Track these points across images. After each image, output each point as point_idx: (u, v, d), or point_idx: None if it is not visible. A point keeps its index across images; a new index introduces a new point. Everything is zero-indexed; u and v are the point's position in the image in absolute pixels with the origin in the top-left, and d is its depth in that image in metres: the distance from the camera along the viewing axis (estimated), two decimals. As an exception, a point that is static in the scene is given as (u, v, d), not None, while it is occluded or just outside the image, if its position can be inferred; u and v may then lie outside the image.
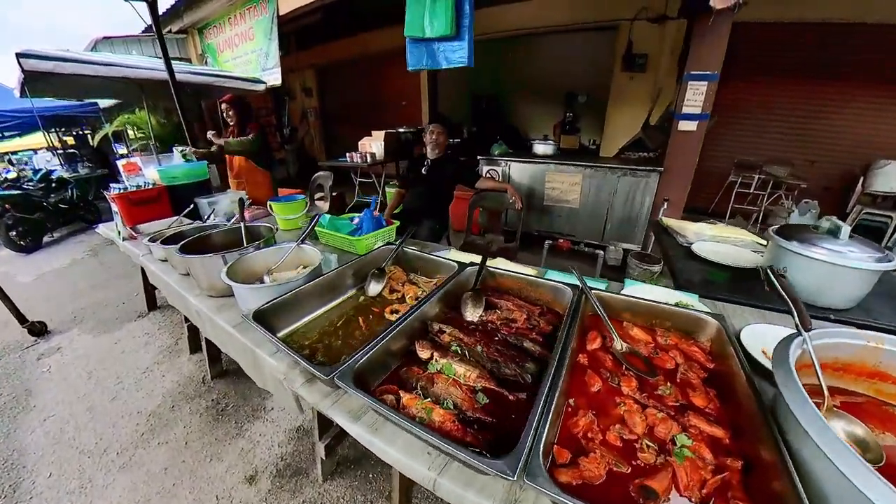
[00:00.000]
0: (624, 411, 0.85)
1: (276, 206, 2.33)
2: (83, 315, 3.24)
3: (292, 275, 1.42)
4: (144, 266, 2.02)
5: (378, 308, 1.29)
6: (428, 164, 2.95)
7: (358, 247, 1.79)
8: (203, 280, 1.44)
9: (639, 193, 3.56)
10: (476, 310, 1.20)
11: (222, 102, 3.22)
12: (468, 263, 1.41)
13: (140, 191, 2.40)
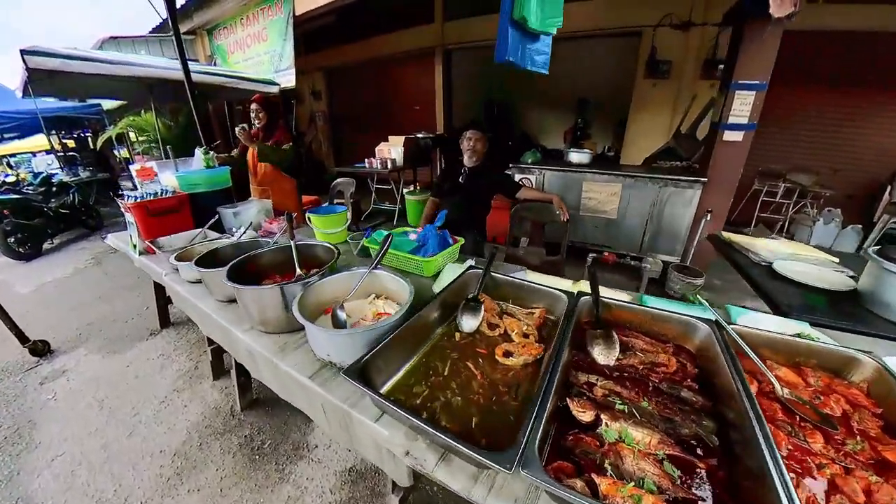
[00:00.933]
0: (832, 475, 0.69)
1: (316, 218, 2.06)
2: (89, 332, 2.93)
3: (367, 307, 1.17)
4: (169, 288, 1.74)
5: (482, 348, 1.04)
6: (465, 172, 2.72)
7: (426, 268, 1.54)
8: (257, 313, 1.18)
9: (680, 204, 3.39)
10: (610, 351, 0.97)
11: (251, 102, 2.90)
12: (577, 293, 1.17)
13: (159, 199, 2.12)
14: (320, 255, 1.51)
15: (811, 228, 4.72)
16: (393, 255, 1.62)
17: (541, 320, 1.19)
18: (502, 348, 1.01)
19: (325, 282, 1.19)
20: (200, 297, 1.50)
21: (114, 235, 2.60)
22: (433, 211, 2.88)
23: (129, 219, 2.12)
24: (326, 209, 2.19)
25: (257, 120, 2.88)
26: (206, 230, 2.11)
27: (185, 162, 2.77)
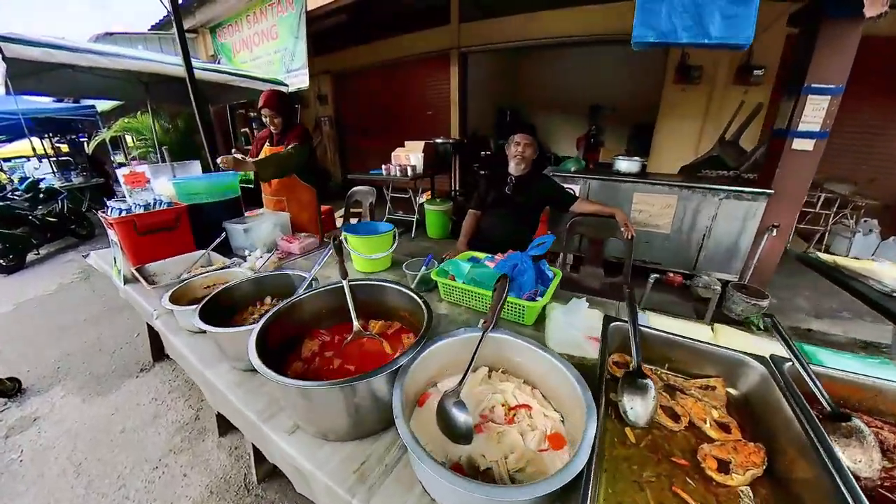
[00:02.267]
0: None
1: (356, 240, 1.59)
2: (69, 366, 2.41)
3: (487, 394, 0.72)
4: (161, 333, 1.26)
5: (677, 455, 0.66)
6: (511, 181, 2.29)
7: (529, 316, 1.09)
8: (316, 416, 0.72)
9: (741, 218, 2.99)
10: (871, 458, 0.54)
11: (261, 107, 2.27)
12: (770, 357, 0.75)
13: (150, 213, 1.64)
14: (387, 300, 1.04)
15: (850, 240, 4.36)
16: (473, 293, 1.16)
17: (725, 399, 0.80)
18: (709, 455, 0.62)
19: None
20: (208, 359, 1.03)
21: (97, 254, 2.11)
22: (474, 225, 2.43)
23: (113, 238, 1.63)
24: (367, 227, 1.73)
25: (273, 126, 2.33)
26: (209, 252, 1.63)
27: (183, 166, 2.29)
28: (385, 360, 0.87)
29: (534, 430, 0.73)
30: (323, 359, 0.90)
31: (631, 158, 3.28)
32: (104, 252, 2.11)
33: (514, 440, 0.70)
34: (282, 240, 1.93)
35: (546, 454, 0.68)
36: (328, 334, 0.98)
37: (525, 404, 0.78)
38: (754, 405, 0.79)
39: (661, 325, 1.03)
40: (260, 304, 1.18)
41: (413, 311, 0.97)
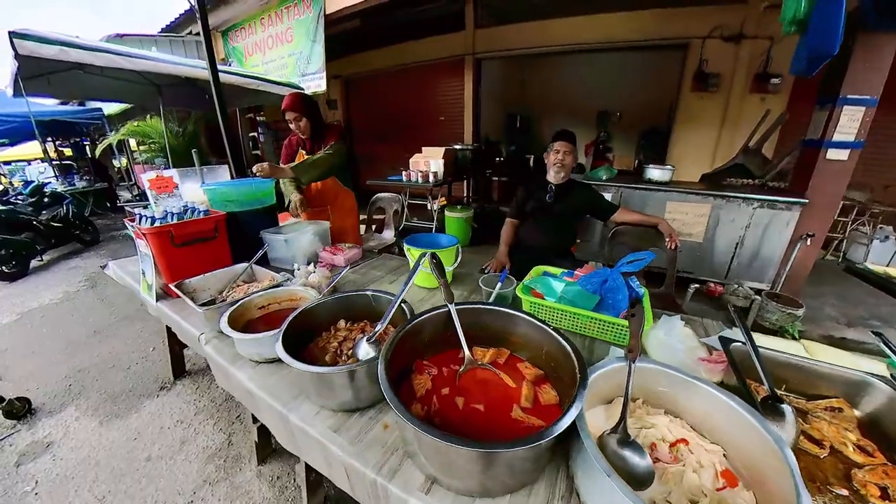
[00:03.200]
0: None
1: (420, 253, 1.43)
2: (82, 383, 2.22)
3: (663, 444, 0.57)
4: (213, 361, 1.09)
5: (838, 484, 0.64)
6: (552, 189, 2.18)
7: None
8: (472, 476, 0.57)
9: (776, 227, 2.92)
10: None
11: (285, 111, 2.08)
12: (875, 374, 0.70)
13: (189, 222, 1.47)
14: (492, 323, 0.89)
15: (868, 247, 4.30)
16: (567, 313, 1.02)
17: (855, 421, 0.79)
18: (868, 482, 0.61)
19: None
20: (285, 397, 0.86)
21: (116, 263, 1.93)
22: (513, 235, 2.30)
23: (143, 249, 1.46)
24: (429, 239, 1.57)
25: (299, 131, 2.14)
26: (252, 266, 1.47)
27: (212, 171, 2.12)
28: (510, 394, 0.77)
29: (703, 468, 0.63)
30: (441, 397, 0.75)
31: (663, 167, 3.17)
32: (125, 262, 1.93)
33: (691, 480, 0.61)
34: (324, 251, 1.77)
35: (726, 493, 0.59)
36: (432, 365, 0.83)
37: (682, 439, 0.68)
38: (886, 426, 0.75)
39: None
40: (334, 329, 1.02)
41: (529, 337, 0.85)
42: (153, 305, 1.44)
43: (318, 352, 0.94)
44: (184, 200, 1.81)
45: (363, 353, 0.85)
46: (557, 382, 0.80)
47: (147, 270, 1.48)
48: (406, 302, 0.96)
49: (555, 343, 0.79)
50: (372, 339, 0.87)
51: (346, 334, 0.99)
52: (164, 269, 1.41)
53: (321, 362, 0.90)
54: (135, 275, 1.74)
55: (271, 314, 1.18)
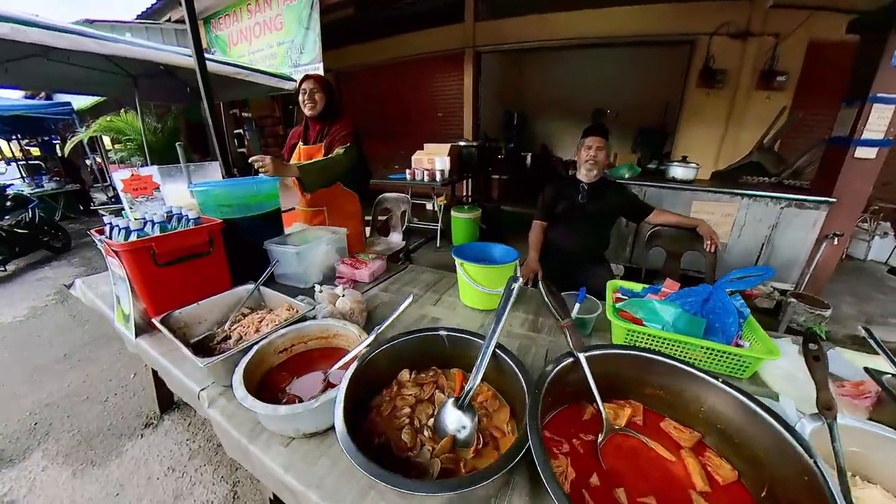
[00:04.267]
0: None
1: (475, 269, 1.16)
2: (51, 420, 1.84)
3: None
4: (222, 430, 0.78)
5: None
6: (584, 189, 1.95)
7: (751, 368, 0.77)
8: None
9: (802, 227, 2.78)
10: None
11: (304, 82, 1.79)
12: None
13: (176, 235, 1.13)
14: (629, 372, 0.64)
15: (868, 243, 4.26)
16: (681, 344, 0.80)
17: None
18: None
19: None
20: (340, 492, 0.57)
21: (84, 282, 1.57)
22: (543, 238, 2.04)
23: (116, 270, 1.12)
24: (481, 249, 1.29)
25: (309, 105, 1.80)
26: (259, 287, 1.15)
27: (201, 169, 1.76)
28: (673, 474, 0.55)
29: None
30: (593, 491, 0.51)
31: (687, 165, 2.99)
32: (96, 280, 1.57)
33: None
34: (342, 264, 1.46)
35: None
36: (560, 439, 0.56)
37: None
38: None
39: (862, 362, 0.86)
40: (397, 384, 0.72)
41: (676, 389, 0.62)
42: (132, 342, 1.10)
43: (384, 424, 0.64)
44: (167, 205, 1.47)
45: (454, 424, 0.60)
46: (727, 449, 0.59)
47: (122, 296, 1.14)
48: (504, 348, 0.68)
49: (726, 398, 0.57)
50: (464, 403, 0.62)
51: (415, 393, 0.70)
52: (144, 295, 1.08)
53: (398, 446, 0.61)
54: (108, 297, 1.39)
55: (296, 357, 0.88)
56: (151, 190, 1.51)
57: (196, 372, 0.89)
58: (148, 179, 1.49)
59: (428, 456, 0.59)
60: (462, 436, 0.60)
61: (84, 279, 1.58)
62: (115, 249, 1.03)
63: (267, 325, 0.96)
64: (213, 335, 1.02)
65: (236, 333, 0.98)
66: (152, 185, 1.50)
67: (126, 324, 1.14)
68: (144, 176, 1.48)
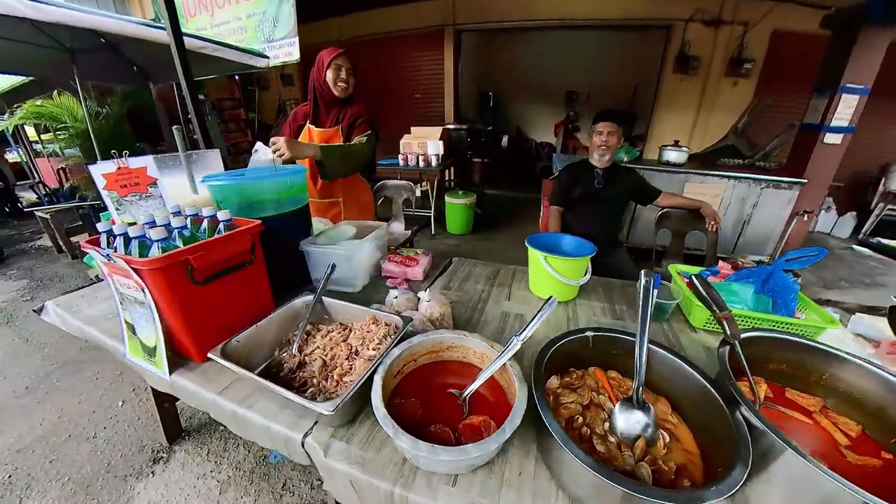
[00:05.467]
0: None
1: (559, 262, 1.06)
2: (29, 468, 1.49)
3: None
4: (340, 476, 0.61)
5: None
6: (599, 174, 1.95)
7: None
8: None
9: (778, 205, 3.04)
10: None
11: (335, 58, 1.48)
12: None
13: (217, 242, 0.88)
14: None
15: (816, 217, 4.71)
16: (748, 319, 0.93)
17: None
18: None
19: None
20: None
21: (58, 304, 1.25)
22: (560, 222, 2.02)
23: (128, 292, 0.85)
24: (549, 240, 1.20)
25: (342, 85, 1.53)
26: (317, 301, 0.95)
27: (202, 158, 1.45)
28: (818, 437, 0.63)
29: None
30: None
31: (680, 149, 3.10)
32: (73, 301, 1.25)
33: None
34: (388, 261, 1.28)
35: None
36: None
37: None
38: None
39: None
40: (552, 395, 0.61)
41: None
42: (164, 380, 0.87)
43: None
44: (170, 203, 1.19)
45: (639, 424, 0.60)
46: (845, 408, 0.71)
47: (140, 324, 0.89)
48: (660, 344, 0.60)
49: (847, 365, 0.70)
50: (637, 402, 0.62)
51: (574, 399, 0.65)
52: (180, 322, 0.84)
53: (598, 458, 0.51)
54: (101, 322, 1.11)
55: (409, 378, 0.74)
56: (146, 186, 1.21)
57: (282, 413, 0.70)
58: (141, 173, 1.20)
59: (633, 462, 0.56)
60: (648, 434, 0.60)
61: (57, 301, 1.26)
62: (138, 268, 0.78)
63: (363, 345, 0.79)
64: (277, 361, 0.83)
65: (317, 358, 0.79)
66: (146, 179, 1.21)
67: (150, 358, 0.89)
68: (136, 169, 1.19)
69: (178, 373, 0.87)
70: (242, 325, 0.85)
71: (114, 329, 1.05)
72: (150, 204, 1.23)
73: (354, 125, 1.62)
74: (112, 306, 1.19)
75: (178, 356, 0.91)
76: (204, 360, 0.88)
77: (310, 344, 0.86)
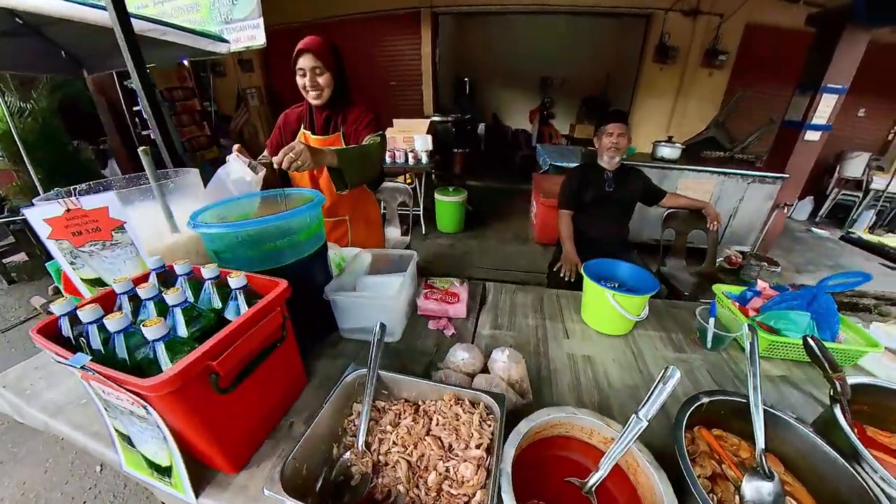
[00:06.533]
0: None
1: (625, 299, 0.98)
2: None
3: None
4: None
5: None
6: (609, 177, 1.91)
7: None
8: None
9: (761, 199, 3.22)
10: None
11: (302, 53, 1.22)
12: None
13: (242, 328, 0.66)
14: None
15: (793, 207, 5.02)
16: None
17: None
18: None
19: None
20: None
21: (4, 384, 0.97)
22: (571, 226, 1.96)
23: (115, 401, 0.62)
24: (609, 267, 1.12)
25: (314, 91, 1.28)
26: (376, 373, 0.77)
27: (181, 179, 1.15)
28: None
29: None
30: None
31: (673, 145, 3.16)
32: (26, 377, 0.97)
33: None
34: (425, 299, 1.11)
35: None
36: None
37: None
38: None
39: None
40: None
41: None
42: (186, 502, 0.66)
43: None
44: (141, 250, 0.94)
45: (772, 496, 0.56)
46: None
47: (146, 442, 0.66)
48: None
49: None
50: (765, 472, 0.58)
51: (700, 474, 0.56)
52: (204, 438, 0.63)
53: None
54: (74, 413, 0.85)
55: (516, 464, 0.59)
56: (109, 231, 0.93)
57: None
58: (100, 215, 0.90)
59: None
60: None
61: (2, 380, 0.96)
62: (143, 393, 0.55)
63: (457, 438, 0.64)
64: (344, 467, 0.65)
65: (398, 459, 0.62)
66: (109, 223, 0.92)
67: (163, 478, 0.67)
68: (93, 210, 0.89)
69: (207, 493, 0.66)
70: (275, 411, 0.71)
71: (91, 423, 0.81)
72: (119, 254, 0.95)
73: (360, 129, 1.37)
74: (82, 387, 0.93)
75: (199, 466, 0.69)
76: (238, 471, 0.68)
77: (375, 434, 0.68)
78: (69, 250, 0.90)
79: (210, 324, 0.71)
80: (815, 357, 0.72)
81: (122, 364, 0.60)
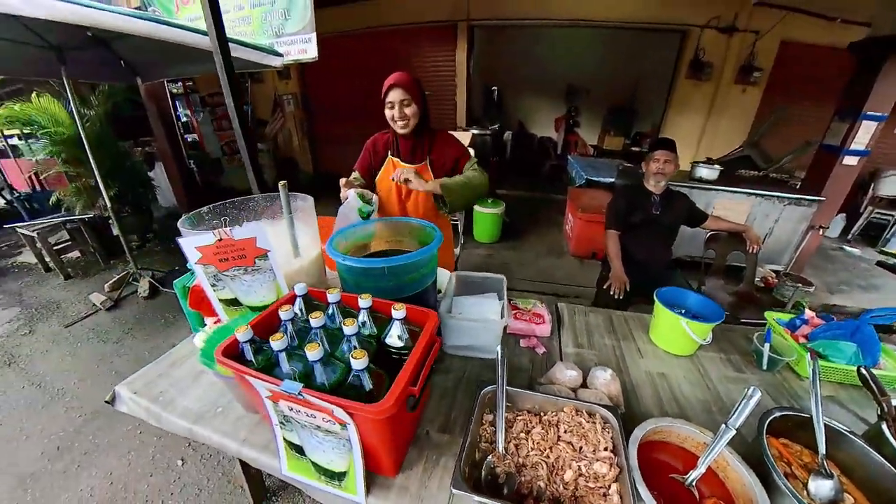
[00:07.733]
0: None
1: (698, 326, 1.17)
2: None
3: None
4: None
5: None
6: (656, 200, 1.99)
7: None
8: None
9: (796, 220, 3.24)
10: None
11: (391, 88, 1.34)
12: None
13: (414, 363, 0.77)
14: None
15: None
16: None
17: None
18: None
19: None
20: None
21: (131, 388, 1.10)
22: (619, 246, 2.02)
23: (304, 419, 0.70)
24: (678, 296, 1.25)
25: (401, 121, 1.39)
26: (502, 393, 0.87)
27: (302, 204, 1.26)
28: None
29: None
30: None
31: (711, 166, 3.21)
32: (157, 384, 1.07)
33: None
34: (514, 318, 1.22)
35: None
36: None
37: None
38: None
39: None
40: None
41: None
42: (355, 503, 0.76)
43: None
44: (279, 275, 1.05)
45: (834, 492, 0.69)
46: None
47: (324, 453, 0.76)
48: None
49: None
50: (825, 473, 0.71)
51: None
52: (385, 449, 0.72)
53: None
54: (215, 421, 0.95)
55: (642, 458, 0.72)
56: (253, 258, 1.04)
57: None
58: (248, 245, 1.01)
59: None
60: (840, 498, 0.68)
61: (129, 384, 1.06)
62: (357, 413, 0.63)
63: (587, 442, 0.76)
64: (490, 468, 0.74)
65: (538, 461, 0.74)
66: (255, 251, 1.03)
67: (332, 481, 0.78)
68: (241, 241, 1.00)
69: (374, 494, 0.76)
70: (416, 422, 0.82)
71: (237, 431, 0.91)
72: (257, 278, 1.06)
73: (449, 159, 1.48)
74: (213, 395, 1.03)
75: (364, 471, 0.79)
76: (397, 474, 0.78)
77: (510, 440, 0.80)
78: (213, 274, 1.01)
79: (374, 350, 0.81)
80: (866, 383, 0.84)
81: (322, 387, 0.70)
